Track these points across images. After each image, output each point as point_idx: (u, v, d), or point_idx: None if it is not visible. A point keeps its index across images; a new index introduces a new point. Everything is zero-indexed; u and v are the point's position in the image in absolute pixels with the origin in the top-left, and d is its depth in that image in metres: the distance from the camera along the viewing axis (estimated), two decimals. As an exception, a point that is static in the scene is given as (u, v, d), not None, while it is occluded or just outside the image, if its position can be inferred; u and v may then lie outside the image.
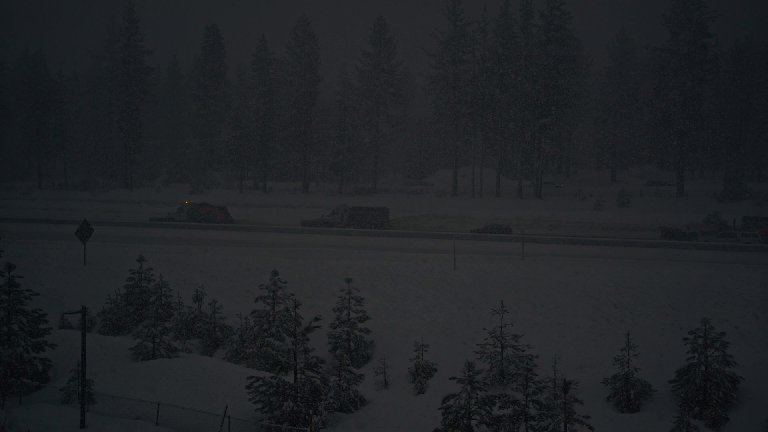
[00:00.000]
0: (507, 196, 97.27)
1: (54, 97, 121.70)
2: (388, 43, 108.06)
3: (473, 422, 27.34)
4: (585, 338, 38.51)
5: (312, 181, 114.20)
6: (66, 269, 52.50)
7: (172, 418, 29.22)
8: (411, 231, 75.14)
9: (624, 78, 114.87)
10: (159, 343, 35.82)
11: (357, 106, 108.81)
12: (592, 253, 55.37)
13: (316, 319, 30.78)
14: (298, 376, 29.51)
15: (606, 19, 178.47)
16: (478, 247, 57.99)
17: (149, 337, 35.75)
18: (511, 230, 72.67)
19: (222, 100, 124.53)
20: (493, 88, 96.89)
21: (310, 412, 29.13)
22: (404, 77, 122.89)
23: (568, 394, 26.25)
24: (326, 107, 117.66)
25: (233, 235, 70.35)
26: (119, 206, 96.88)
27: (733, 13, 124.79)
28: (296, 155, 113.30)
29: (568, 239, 65.11)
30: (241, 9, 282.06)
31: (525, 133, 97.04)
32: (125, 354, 35.78)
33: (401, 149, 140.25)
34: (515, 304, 41.43)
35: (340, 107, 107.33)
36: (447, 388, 29.07)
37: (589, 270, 45.74)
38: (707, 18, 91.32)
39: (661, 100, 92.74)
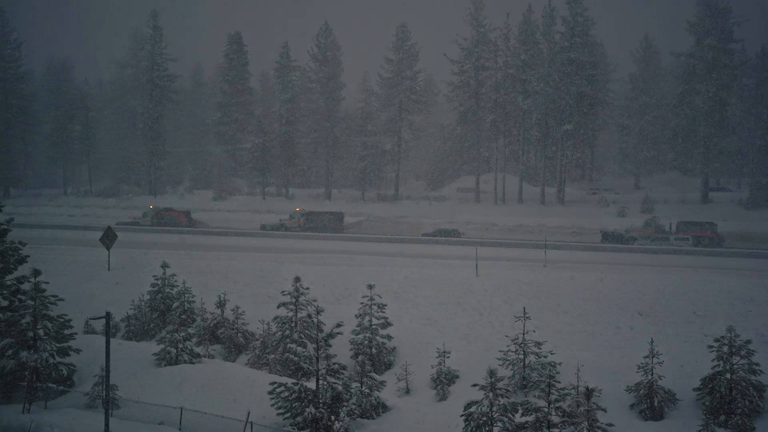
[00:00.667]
0: (530, 202, 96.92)
1: (80, 104, 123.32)
2: (410, 50, 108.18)
3: (495, 429, 27.18)
4: (608, 345, 38.20)
5: (334, 187, 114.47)
6: (91, 275, 53.04)
7: (195, 424, 29.38)
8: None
9: (648, 84, 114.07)
10: (182, 348, 36.01)
11: (379, 112, 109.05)
12: (616, 260, 55.01)
13: (338, 325, 30.79)
14: (320, 382, 29.54)
15: (630, 25, 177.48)
16: (501, 254, 57.85)
17: (172, 342, 35.95)
18: (459, 234, 77.30)
19: (245, 107, 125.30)
20: (516, 95, 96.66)
21: (332, 418, 29.15)
22: (426, 84, 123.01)
23: (591, 401, 26.04)
24: (349, 114, 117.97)
25: (255, 241, 70.71)
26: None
27: (759, 17, 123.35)
28: (319, 162, 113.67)
29: (591, 246, 64.73)
30: (264, 17, 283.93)
31: (548, 139, 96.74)
32: (149, 359, 36.01)
33: (423, 156, 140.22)
34: (538, 311, 41.22)
35: (363, 114, 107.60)
36: (469, 394, 28.92)
37: (612, 277, 45.44)
38: (733, 23, 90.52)
39: (686, 107, 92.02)
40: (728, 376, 31.35)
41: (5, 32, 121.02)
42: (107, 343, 28.58)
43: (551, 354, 34.78)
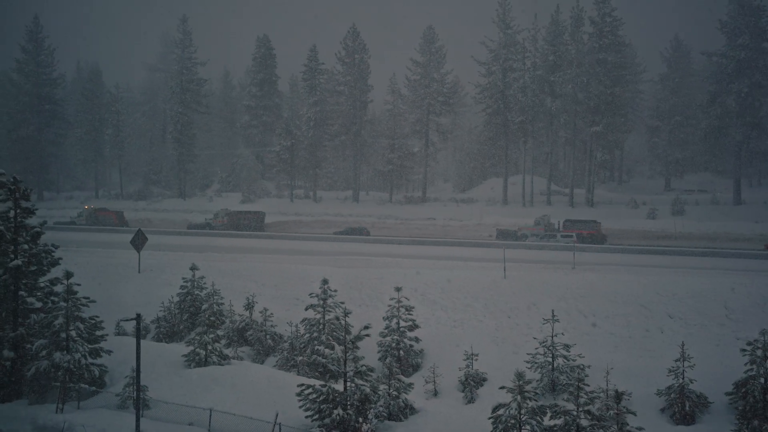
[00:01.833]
0: (558, 204, 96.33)
1: (111, 108, 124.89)
2: (437, 52, 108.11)
3: (523, 432, 27.07)
4: (638, 348, 37.85)
5: (362, 190, 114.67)
6: (121, 277, 53.65)
7: (223, 425, 29.59)
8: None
9: (678, 84, 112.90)
10: (211, 350, 36.28)
11: (407, 115, 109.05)
12: (646, 262, 54.44)
13: (366, 327, 30.83)
14: (348, 384, 29.61)
15: (660, 25, 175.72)
16: (529, 256, 57.55)
17: (201, 344, 36.24)
18: (368, 232, 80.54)
19: (273, 110, 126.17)
20: (544, 96, 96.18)
21: (360, 420, 29.20)
22: (454, 86, 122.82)
23: (621, 404, 25.83)
24: (376, 116, 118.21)
25: (280, 243, 71.06)
26: (173, 215, 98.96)
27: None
28: (346, 164, 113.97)
29: (620, 248, 64.17)
30: (293, 20, 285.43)
31: (576, 141, 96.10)
32: (178, 361, 36.33)
33: (451, 158, 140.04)
34: (566, 314, 40.98)
35: (390, 116, 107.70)
36: (497, 397, 28.83)
37: (642, 279, 44.99)
38: (766, 22, 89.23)
39: (717, 107, 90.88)
40: (762, 380, 30.90)
41: (39, 38, 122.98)
42: (138, 344, 28.88)
43: (580, 357, 34.59)
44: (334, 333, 37.04)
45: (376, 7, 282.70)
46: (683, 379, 32.28)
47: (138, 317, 29.11)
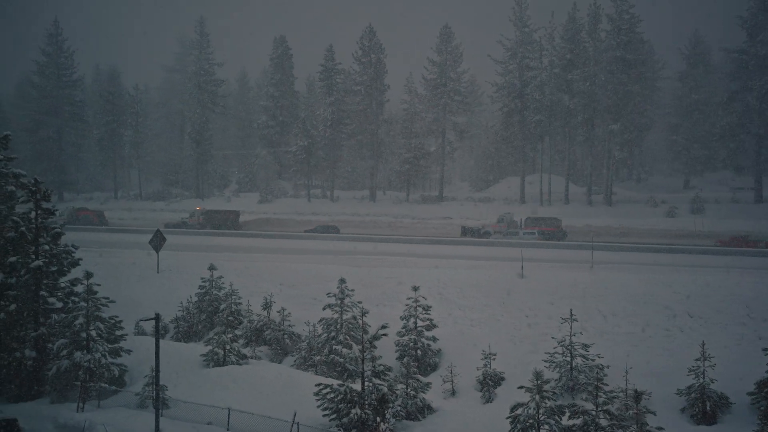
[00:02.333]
0: (576, 203, 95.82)
1: (129, 110, 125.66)
2: (454, 51, 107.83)
3: (542, 432, 26.99)
4: (657, 348, 37.59)
5: (379, 189, 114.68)
6: (140, 277, 54.01)
7: (242, 424, 29.73)
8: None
9: (697, 81, 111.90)
10: (229, 350, 36.46)
11: (423, 114, 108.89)
12: (665, 261, 54.05)
13: (383, 327, 30.85)
14: (366, 383, 29.64)
15: (678, 22, 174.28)
16: (546, 255, 57.32)
17: (220, 344, 36.43)
18: (338, 230, 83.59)
19: (290, 110, 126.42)
20: (562, 95, 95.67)
21: (378, 419, 29.22)
22: (470, 85, 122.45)
23: (641, 404, 25.69)
24: (393, 116, 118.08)
25: (298, 243, 71.26)
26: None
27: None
28: (363, 164, 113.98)
29: (639, 247, 63.78)
30: (309, 20, 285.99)
31: (594, 139, 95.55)
32: (197, 360, 36.54)
33: (468, 157, 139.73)
34: (584, 313, 40.78)
35: (407, 115, 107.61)
36: (515, 397, 28.74)
37: (661, 278, 44.70)
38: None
39: (738, 104, 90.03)
40: (784, 380, 30.62)
41: (59, 41, 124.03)
42: (157, 344, 29.07)
43: (599, 356, 34.39)
44: (352, 332, 37.11)
45: (393, 5, 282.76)
46: (704, 378, 32.03)
47: (157, 317, 29.28)
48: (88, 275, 35.10)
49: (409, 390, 33.25)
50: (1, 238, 35.81)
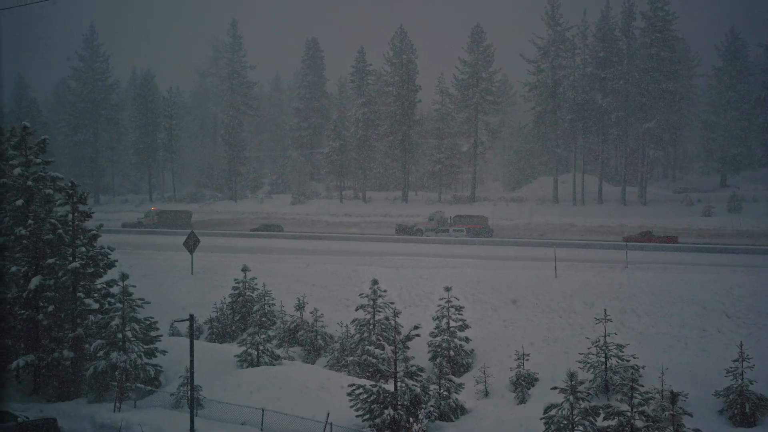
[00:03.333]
0: (610, 202, 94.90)
1: (164, 113, 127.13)
2: (485, 50, 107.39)
3: (576, 433, 26.76)
4: (694, 349, 37.07)
5: (411, 190, 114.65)
6: (175, 278, 54.60)
7: (275, 424, 29.90)
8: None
9: (734, 78, 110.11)
10: (263, 350, 36.70)
11: (455, 114, 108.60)
12: (701, 260, 53.35)
13: (416, 327, 30.84)
14: (399, 384, 29.64)
15: (714, 18, 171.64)
16: (580, 255, 56.89)
17: (253, 344, 36.67)
18: (282, 228, 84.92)
19: (322, 112, 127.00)
20: (595, 93, 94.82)
21: (411, 420, 29.21)
22: (502, 84, 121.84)
23: (677, 405, 25.37)
24: (424, 116, 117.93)
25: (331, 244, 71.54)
26: (224, 217, 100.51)
27: None
28: (395, 165, 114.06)
29: (674, 247, 62.99)
30: (341, 22, 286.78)
31: (628, 138, 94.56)
32: (231, 361, 36.82)
33: (500, 157, 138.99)
34: (619, 313, 40.38)
35: (438, 116, 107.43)
36: (549, 398, 28.54)
37: (697, 278, 44.10)
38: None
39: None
40: (824, 381, 30.04)
41: (95, 45, 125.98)
42: (191, 345, 29.35)
43: (634, 357, 34.01)
44: (384, 333, 37.12)
45: (424, 6, 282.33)
46: (742, 380, 31.51)
47: (191, 318, 29.57)
48: (124, 277, 35.55)
49: (441, 391, 33.19)
50: (40, 240, 36.42)
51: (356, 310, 39.51)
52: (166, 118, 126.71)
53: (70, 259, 36.64)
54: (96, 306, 37.00)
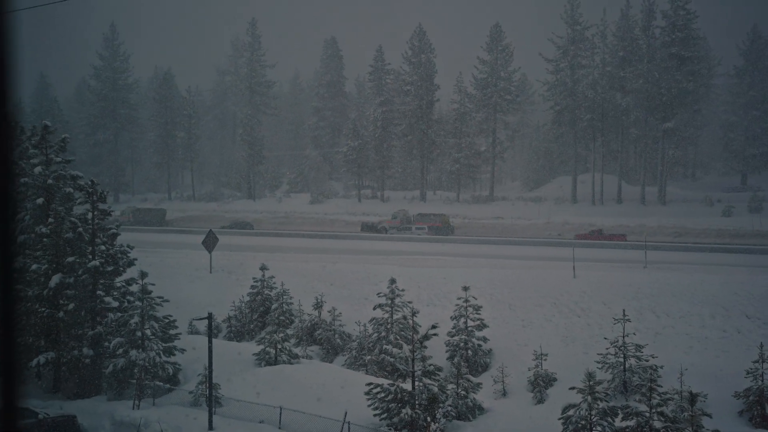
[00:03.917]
0: (629, 202, 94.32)
1: (183, 112, 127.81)
2: (504, 50, 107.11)
3: (594, 434, 26.65)
4: (713, 349, 36.79)
5: (429, 189, 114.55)
6: (193, 277, 54.87)
7: (293, 423, 30.00)
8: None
9: (755, 78, 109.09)
10: (281, 349, 36.83)
11: (473, 113, 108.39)
12: (721, 261, 52.91)
13: (434, 326, 30.82)
14: (416, 383, 29.64)
15: (735, 16, 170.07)
16: (599, 255, 56.61)
17: (271, 343, 36.80)
18: (252, 226, 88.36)
19: (340, 111, 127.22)
20: (614, 93, 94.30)
21: (428, 419, 29.20)
22: (521, 83, 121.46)
23: (696, 406, 25.19)
24: (443, 115, 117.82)
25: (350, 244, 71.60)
26: (242, 216, 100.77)
27: None
28: (414, 164, 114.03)
29: (694, 247, 62.53)
30: (359, 21, 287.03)
31: (647, 137, 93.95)
32: (249, 359, 36.99)
33: (519, 156, 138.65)
34: (637, 313, 40.14)
35: (457, 115, 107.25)
36: (567, 398, 28.43)
37: (717, 278, 43.74)
38: None
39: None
40: None
41: (115, 45, 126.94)
42: (210, 343, 29.53)
43: (652, 357, 33.81)
44: (402, 332, 37.13)
45: (442, 5, 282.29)
46: (762, 381, 31.24)
47: (210, 316, 29.75)
48: (143, 275, 35.80)
49: (459, 390, 33.16)
50: (60, 238, 36.75)
51: (374, 309, 39.56)
52: (186, 117, 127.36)
53: (90, 257, 36.94)
54: (115, 304, 37.29)
